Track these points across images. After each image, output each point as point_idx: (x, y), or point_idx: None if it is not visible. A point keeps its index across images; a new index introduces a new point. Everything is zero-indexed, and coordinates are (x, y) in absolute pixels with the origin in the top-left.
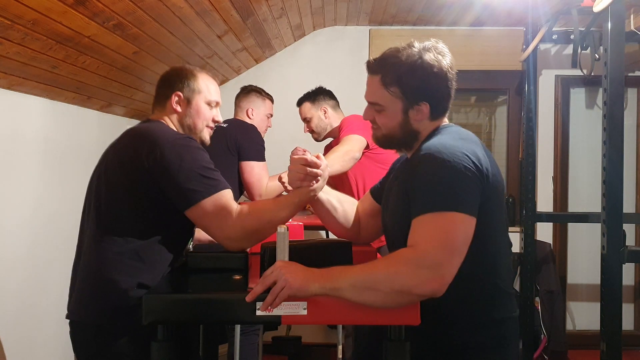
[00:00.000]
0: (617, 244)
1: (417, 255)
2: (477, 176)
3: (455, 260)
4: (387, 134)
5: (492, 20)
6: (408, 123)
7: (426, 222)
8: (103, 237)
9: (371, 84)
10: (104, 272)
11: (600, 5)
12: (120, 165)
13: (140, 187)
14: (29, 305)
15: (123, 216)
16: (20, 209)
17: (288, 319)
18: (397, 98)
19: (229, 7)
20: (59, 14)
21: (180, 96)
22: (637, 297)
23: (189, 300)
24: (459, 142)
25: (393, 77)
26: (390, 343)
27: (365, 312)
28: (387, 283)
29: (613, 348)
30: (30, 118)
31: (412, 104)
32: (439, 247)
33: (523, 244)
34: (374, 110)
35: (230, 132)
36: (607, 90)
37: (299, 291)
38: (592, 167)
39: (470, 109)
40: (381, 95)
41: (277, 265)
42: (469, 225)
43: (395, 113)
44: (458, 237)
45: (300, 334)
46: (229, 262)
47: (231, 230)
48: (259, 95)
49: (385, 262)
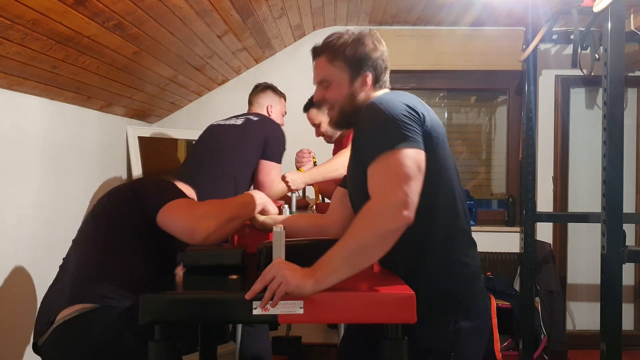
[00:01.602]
0: (617, 244)
1: (379, 199)
2: (414, 116)
3: (413, 186)
4: (339, 110)
5: (492, 20)
6: (355, 93)
7: (377, 166)
8: (102, 239)
9: (317, 66)
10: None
11: (600, 5)
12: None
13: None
14: (29, 305)
15: (121, 220)
16: (20, 208)
17: (284, 318)
18: (342, 71)
19: (229, 7)
20: (59, 14)
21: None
22: (637, 297)
23: (186, 300)
24: (393, 94)
25: (337, 53)
26: (387, 341)
27: (361, 311)
28: (368, 237)
29: (613, 348)
30: (30, 118)
31: (356, 74)
32: (394, 182)
33: (523, 244)
34: (322, 88)
35: (261, 127)
36: (607, 90)
37: (296, 288)
38: (592, 167)
39: (470, 109)
40: (328, 71)
41: (275, 262)
42: (417, 155)
43: (342, 84)
44: (409, 167)
45: (300, 334)
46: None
47: (194, 214)
48: (275, 92)
49: (357, 223)
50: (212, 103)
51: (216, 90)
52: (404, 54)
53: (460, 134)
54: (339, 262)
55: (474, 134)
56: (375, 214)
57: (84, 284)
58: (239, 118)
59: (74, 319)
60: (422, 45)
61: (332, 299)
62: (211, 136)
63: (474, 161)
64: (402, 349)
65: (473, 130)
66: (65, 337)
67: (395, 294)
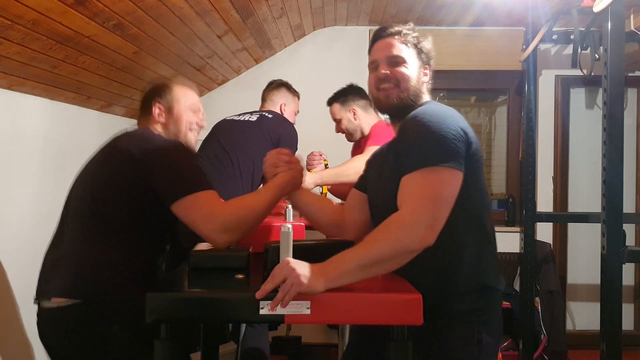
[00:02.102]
0: (617, 244)
1: (409, 215)
2: (462, 137)
3: (443, 210)
4: (403, 89)
5: (492, 20)
6: (419, 81)
7: (413, 179)
8: (92, 232)
9: (387, 44)
10: (92, 256)
11: (600, 5)
12: (108, 160)
13: (128, 179)
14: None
15: (112, 208)
16: (20, 208)
17: (291, 318)
18: (415, 56)
19: (229, 7)
20: (59, 14)
21: (161, 108)
22: (637, 297)
23: (193, 298)
24: (444, 108)
25: (412, 40)
26: (393, 343)
27: (368, 312)
28: (390, 251)
29: (613, 348)
30: (30, 118)
31: (424, 63)
32: (427, 201)
33: (523, 244)
34: (390, 64)
35: (275, 124)
36: (607, 90)
37: (308, 288)
38: (592, 167)
39: (470, 109)
40: (401, 49)
41: (285, 262)
42: (455, 177)
43: (414, 67)
44: (444, 189)
45: (300, 334)
46: (231, 261)
47: (217, 223)
48: (289, 91)
49: (383, 232)
50: (212, 103)
51: (216, 90)
52: None
53: None
54: (355, 267)
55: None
56: (402, 230)
57: (76, 279)
58: (253, 114)
59: (66, 308)
60: None
61: (338, 299)
62: (225, 131)
63: None
64: (407, 351)
65: (473, 130)
66: (58, 325)
67: (402, 296)
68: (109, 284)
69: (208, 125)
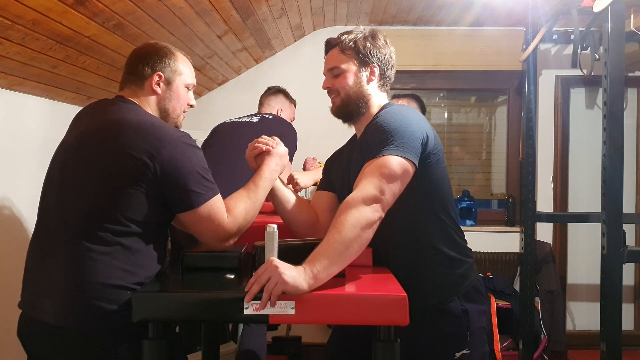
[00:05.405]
0: (617, 244)
1: (358, 192)
2: (417, 133)
3: (392, 186)
4: (344, 98)
5: (492, 20)
6: (361, 84)
7: (366, 166)
8: (85, 236)
9: (329, 57)
10: (92, 274)
11: (600, 5)
12: (117, 166)
13: (138, 185)
14: None
15: (121, 223)
16: (20, 208)
17: (276, 318)
18: (352, 59)
19: (229, 7)
20: (59, 14)
21: (161, 77)
22: (637, 297)
23: (178, 298)
24: (407, 109)
25: (348, 43)
26: (380, 343)
27: (353, 312)
28: (355, 231)
29: (613, 348)
30: (30, 118)
31: (364, 64)
32: (375, 177)
33: (523, 244)
34: (332, 76)
35: (275, 124)
36: (607, 90)
37: (293, 287)
38: (592, 167)
39: (470, 109)
40: (338, 60)
41: (269, 262)
42: (404, 166)
43: (350, 73)
44: (394, 169)
45: (300, 334)
46: (224, 261)
47: (222, 234)
48: (286, 97)
49: (343, 216)
50: (212, 103)
51: (216, 90)
52: (404, 54)
53: (460, 134)
54: (333, 254)
55: (474, 134)
56: (355, 209)
57: (73, 307)
58: (254, 116)
59: (61, 329)
60: (422, 45)
61: (323, 299)
62: (227, 134)
63: (474, 161)
64: (394, 351)
65: (473, 131)
66: (49, 340)
67: (388, 295)
68: (109, 311)
69: (208, 125)
